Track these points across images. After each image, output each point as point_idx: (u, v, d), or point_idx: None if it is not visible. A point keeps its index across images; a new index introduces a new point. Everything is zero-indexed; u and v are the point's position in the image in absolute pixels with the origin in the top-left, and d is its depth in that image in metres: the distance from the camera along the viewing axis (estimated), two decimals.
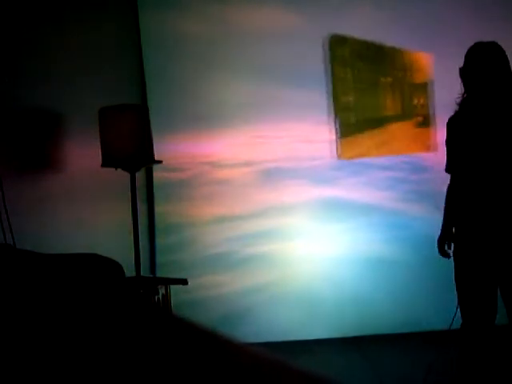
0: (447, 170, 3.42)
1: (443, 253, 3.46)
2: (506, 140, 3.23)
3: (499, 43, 3.32)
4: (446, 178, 3.47)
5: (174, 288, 4.25)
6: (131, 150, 4.14)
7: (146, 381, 0.85)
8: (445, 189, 3.47)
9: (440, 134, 4.17)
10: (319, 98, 5.05)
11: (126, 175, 4.23)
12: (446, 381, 3.70)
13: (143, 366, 0.87)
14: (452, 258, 3.39)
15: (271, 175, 5.07)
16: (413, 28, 5.07)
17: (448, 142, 3.38)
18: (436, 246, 3.47)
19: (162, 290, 4.12)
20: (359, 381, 4.04)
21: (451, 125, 3.37)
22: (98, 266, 1.37)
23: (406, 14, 5.08)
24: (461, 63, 3.34)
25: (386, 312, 4.90)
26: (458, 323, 3.43)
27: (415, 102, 5.16)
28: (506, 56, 3.29)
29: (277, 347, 4.21)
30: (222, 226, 5.01)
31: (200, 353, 0.94)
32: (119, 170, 4.24)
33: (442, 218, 3.45)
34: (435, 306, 4.71)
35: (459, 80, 3.35)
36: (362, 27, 5.07)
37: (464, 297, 3.31)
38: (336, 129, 5.06)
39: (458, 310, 3.35)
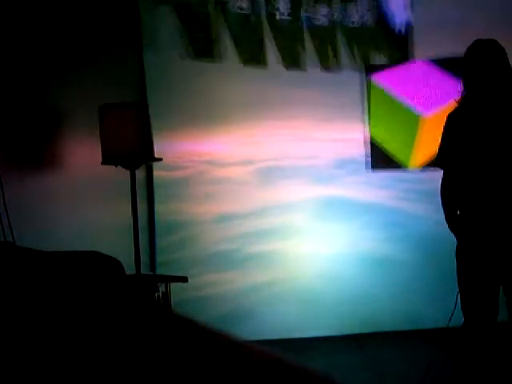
0: (438, 164, 3.40)
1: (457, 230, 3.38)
2: (506, 137, 3.23)
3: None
4: None
5: (174, 286, 4.25)
6: (131, 147, 4.14)
7: (146, 379, 0.85)
8: None
9: None
10: (319, 96, 5.04)
11: (126, 173, 4.23)
12: (445, 378, 3.70)
13: (144, 364, 0.87)
14: (453, 256, 3.38)
15: (271, 174, 5.07)
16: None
17: (445, 138, 3.37)
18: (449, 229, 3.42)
19: (162, 288, 4.12)
20: (359, 378, 4.04)
21: (450, 120, 3.36)
22: (98, 263, 1.37)
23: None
24: None
25: (385, 310, 4.91)
26: (456, 321, 3.43)
27: None
28: (506, 53, 3.30)
29: (278, 345, 4.21)
30: (223, 225, 5.01)
31: (201, 351, 0.93)
32: (119, 167, 4.24)
33: (442, 217, 3.45)
34: (435, 304, 4.72)
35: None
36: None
37: (466, 295, 3.31)
38: None
39: (457, 307, 3.35)
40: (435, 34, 4.91)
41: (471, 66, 3.30)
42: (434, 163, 3.44)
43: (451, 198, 3.37)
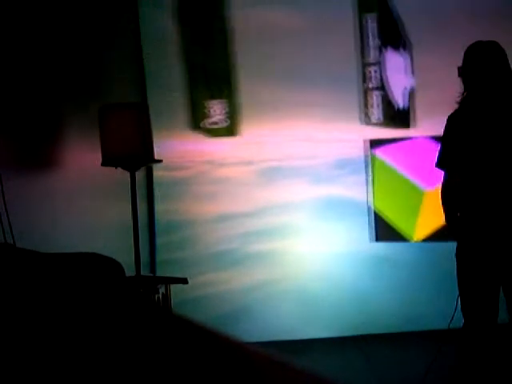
0: (440, 165, 3.40)
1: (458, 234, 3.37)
2: (507, 138, 3.23)
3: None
4: None
5: (174, 286, 4.26)
6: (131, 149, 4.14)
7: (146, 380, 0.85)
8: None
9: None
10: (320, 96, 5.05)
11: (126, 174, 4.23)
12: (445, 380, 3.70)
13: (143, 366, 0.87)
14: (454, 257, 3.38)
15: (272, 174, 5.07)
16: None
17: (446, 139, 3.37)
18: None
19: (162, 290, 4.12)
20: (358, 380, 4.04)
21: (451, 122, 3.36)
22: (98, 265, 1.37)
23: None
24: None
25: (385, 311, 4.90)
26: (457, 322, 3.43)
27: None
28: (506, 55, 3.30)
29: (277, 346, 4.21)
30: (223, 225, 5.02)
31: (200, 352, 0.94)
32: (119, 168, 4.25)
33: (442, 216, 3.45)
34: (435, 305, 4.71)
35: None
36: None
37: (466, 296, 3.30)
38: None
39: (458, 308, 3.35)
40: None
41: (472, 67, 3.30)
42: (435, 164, 3.44)
43: (452, 200, 3.37)
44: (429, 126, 4.85)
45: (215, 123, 4.98)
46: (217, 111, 4.95)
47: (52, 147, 4.76)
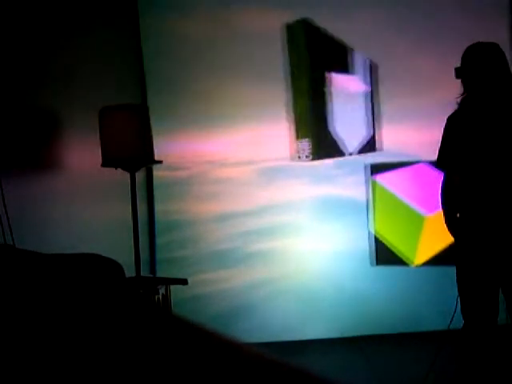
0: (439, 165, 3.40)
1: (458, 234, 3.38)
2: (506, 139, 3.24)
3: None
4: None
5: (175, 285, 4.26)
6: (131, 150, 4.14)
7: (145, 381, 0.85)
8: None
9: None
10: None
11: (126, 175, 4.23)
12: (445, 381, 3.70)
13: (143, 366, 0.87)
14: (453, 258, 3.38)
15: (272, 174, 5.07)
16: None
17: (446, 139, 3.38)
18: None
19: (162, 290, 4.12)
20: (358, 381, 4.03)
21: (450, 122, 3.37)
22: (98, 266, 1.37)
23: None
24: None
25: (385, 312, 4.90)
26: (457, 323, 3.43)
27: None
28: (505, 57, 3.30)
29: (277, 346, 4.21)
30: (224, 224, 5.02)
31: (200, 353, 0.94)
32: (119, 169, 4.25)
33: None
34: (435, 306, 4.71)
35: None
36: (360, 29, 5.08)
37: (466, 298, 3.30)
38: None
39: (457, 309, 3.35)
40: None
41: (472, 68, 3.30)
42: (435, 165, 3.45)
43: (451, 200, 3.37)
44: None
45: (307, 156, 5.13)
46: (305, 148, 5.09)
47: (52, 149, 4.77)
